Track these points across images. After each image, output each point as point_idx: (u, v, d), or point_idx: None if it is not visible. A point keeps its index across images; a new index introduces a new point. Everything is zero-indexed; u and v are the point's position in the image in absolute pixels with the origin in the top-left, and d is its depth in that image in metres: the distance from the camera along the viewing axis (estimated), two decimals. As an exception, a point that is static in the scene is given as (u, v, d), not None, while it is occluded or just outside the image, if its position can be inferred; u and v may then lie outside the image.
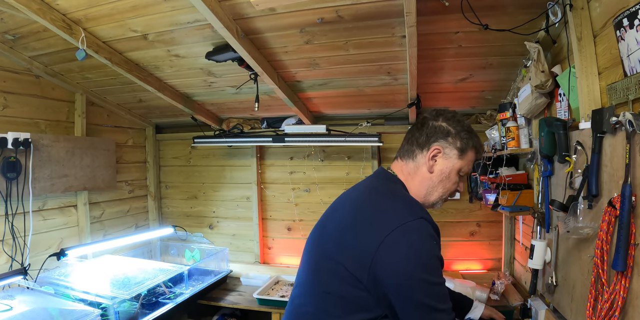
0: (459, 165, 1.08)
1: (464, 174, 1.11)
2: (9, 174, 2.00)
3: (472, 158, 1.10)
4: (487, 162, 2.17)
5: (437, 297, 0.89)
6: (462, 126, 1.09)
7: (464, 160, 1.08)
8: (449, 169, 1.07)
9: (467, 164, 1.09)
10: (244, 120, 2.98)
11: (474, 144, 1.09)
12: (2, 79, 2.12)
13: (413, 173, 1.09)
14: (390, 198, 1.01)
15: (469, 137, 1.08)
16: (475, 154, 1.10)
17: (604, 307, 1.05)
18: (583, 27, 1.27)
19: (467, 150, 1.08)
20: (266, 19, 1.66)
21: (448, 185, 1.09)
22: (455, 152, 1.07)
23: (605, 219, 1.07)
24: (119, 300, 1.87)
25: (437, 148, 1.07)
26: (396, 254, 0.87)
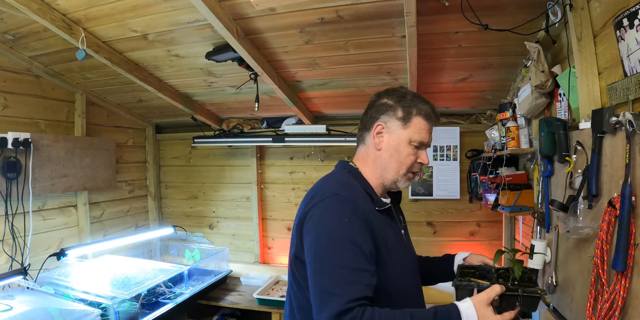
0: (406, 135, 1.03)
1: (418, 144, 1.04)
2: (9, 174, 2.00)
3: (421, 125, 1.04)
4: (487, 162, 2.17)
5: (333, 277, 0.86)
6: (403, 96, 1.05)
7: (410, 128, 1.03)
8: (396, 142, 1.04)
9: (416, 132, 1.03)
10: (244, 120, 2.98)
11: (418, 110, 1.03)
12: (2, 79, 2.12)
13: (366, 156, 1.09)
14: (320, 181, 1.07)
15: (410, 104, 1.04)
16: (424, 120, 1.04)
17: (604, 307, 1.05)
18: (583, 27, 1.27)
19: (410, 117, 1.03)
20: (266, 19, 1.66)
21: (401, 158, 1.04)
22: (398, 123, 1.03)
23: (605, 219, 1.07)
24: (119, 300, 1.87)
25: (379, 124, 1.05)
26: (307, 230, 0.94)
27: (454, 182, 2.61)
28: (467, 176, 2.56)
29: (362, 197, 0.99)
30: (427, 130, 1.05)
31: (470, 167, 2.52)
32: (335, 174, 1.09)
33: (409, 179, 1.08)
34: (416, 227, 2.70)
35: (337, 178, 1.05)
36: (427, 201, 2.68)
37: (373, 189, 1.06)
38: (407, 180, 1.08)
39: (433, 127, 1.08)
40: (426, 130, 1.05)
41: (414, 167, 1.06)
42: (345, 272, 0.86)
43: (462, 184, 2.60)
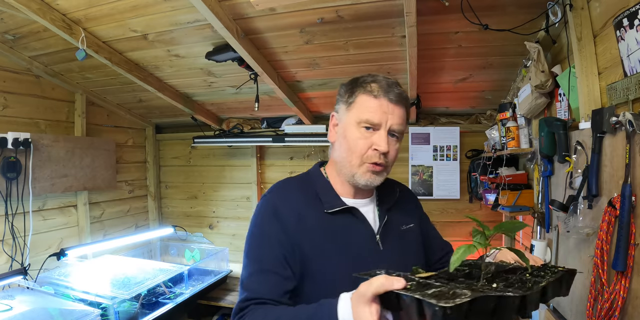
0: (353, 117, 0.90)
1: (368, 124, 0.88)
2: (9, 174, 2.00)
3: (367, 102, 0.88)
4: (487, 162, 2.17)
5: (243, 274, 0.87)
6: (355, 79, 0.94)
7: (354, 108, 0.90)
8: (344, 128, 0.92)
9: (361, 110, 0.89)
10: (244, 120, 2.98)
11: (363, 88, 0.90)
12: (2, 79, 2.11)
13: (332, 155, 1.00)
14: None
15: (357, 84, 0.92)
16: (370, 96, 0.89)
17: (604, 307, 1.05)
18: (583, 27, 1.27)
19: (353, 95, 0.91)
20: (266, 19, 1.66)
21: (349, 144, 0.90)
22: (344, 107, 0.93)
23: (605, 219, 1.07)
24: (119, 300, 1.87)
25: (332, 115, 0.97)
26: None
27: (454, 182, 2.61)
28: (467, 176, 2.56)
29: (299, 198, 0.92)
30: (375, 107, 0.88)
31: (470, 167, 2.52)
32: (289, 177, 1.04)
33: (371, 171, 0.90)
34: (416, 227, 2.70)
35: (283, 180, 1.01)
36: (427, 201, 2.68)
37: (333, 191, 0.95)
38: (368, 173, 0.90)
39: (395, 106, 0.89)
40: (374, 107, 0.88)
41: (369, 156, 0.88)
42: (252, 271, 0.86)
43: (462, 184, 2.60)
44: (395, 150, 0.93)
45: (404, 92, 0.92)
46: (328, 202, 0.93)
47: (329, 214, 0.91)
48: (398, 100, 0.89)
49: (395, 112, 0.89)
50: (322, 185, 0.96)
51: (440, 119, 2.66)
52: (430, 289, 0.55)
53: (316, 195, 0.94)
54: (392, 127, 0.89)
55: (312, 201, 0.93)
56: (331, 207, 0.91)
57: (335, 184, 0.97)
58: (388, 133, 0.89)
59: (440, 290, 0.55)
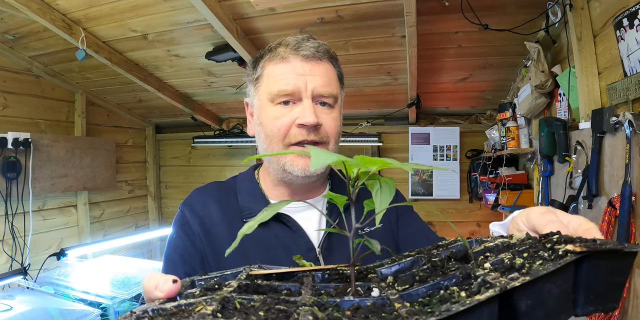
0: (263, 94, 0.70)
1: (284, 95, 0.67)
2: (9, 174, 2.00)
3: (277, 70, 0.69)
4: (487, 162, 2.17)
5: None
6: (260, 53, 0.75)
7: (263, 84, 0.70)
8: (257, 111, 0.72)
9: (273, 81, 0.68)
10: (244, 120, 2.98)
11: (268, 56, 0.71)
12: (2, 79, 2.11)
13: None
14: None
15: (261, 55, 0.74)
16: (278, 62, 0.69)
17: (603, 307, 1.05)
18: (583, 27, 1.27)
19: (257, 67, 0.72)
20: (266, 19, 1.66)
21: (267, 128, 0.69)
22: (252, 86, 0.73)
23: (605, 219, 1.07)
24: (119, 300, 1.87)
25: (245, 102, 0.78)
26: None
27: (454, 182, 2.61)
28: (467, 176, 2.56)
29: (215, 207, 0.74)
30: (286, 72, 0.68)
31: (470, 167, 2.52)
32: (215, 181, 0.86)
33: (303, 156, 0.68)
34: (416, 227, 2.70)
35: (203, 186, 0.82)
36: (427, 201, 2.68)
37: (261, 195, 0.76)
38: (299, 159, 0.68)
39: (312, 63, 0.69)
40: (285, 72, 0.68)
41: (294, 135, 0.67)
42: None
43: (462, 184, 2.60)
44: (333, 119, 0.69)
45: (324, 44, 0.72)
46: (248, 208, 0.73)
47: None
48: (315, 55, 0.69)
49: (316, 70, 0.68)
50: (246, 189, 0.77)
51: (440, 119, 2.66)
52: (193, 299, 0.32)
53: (236, 202, 0.75)
54: (317, 90, 0.67)
55: (230, 209, 0.74)
56: (250, 215, 0.71)
57: (266, 185, 0.77)
58: (313, 101, 0.67)
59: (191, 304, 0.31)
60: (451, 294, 0.28)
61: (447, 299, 0.28)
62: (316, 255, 0.70)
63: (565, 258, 0.28)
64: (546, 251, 0.32)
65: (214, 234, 0.71)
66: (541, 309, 0.27)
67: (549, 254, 0.31)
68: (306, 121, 0.65)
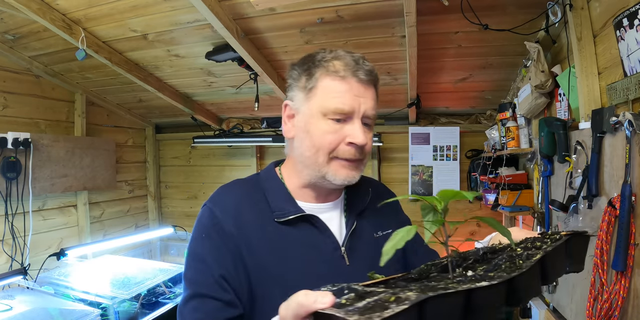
0: (315, 107, 0.72)
1: (338, 114, 0.71)
2: (9, 174, 2.00)
3: (334, 86, 0.71)
4: (487, 162, 2.17)
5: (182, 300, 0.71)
6: (311, 57, 0.75)
7: (317, 96, 0.72)
8: (304, 120, 0.74)
9: (327, 97, 0.71)
10: (244, 120, 2.98)
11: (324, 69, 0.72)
12: (2, 79, 2.11)
13: (289, 153, 0.82)
14: None
15: (309, 61, 0.74)
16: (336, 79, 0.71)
17: (603, 307, 1.05)
18: (583, 27, 1.27)
19: (312, 78, 0.73)
20: (266, 19, 1.66)
21: (314, 140, 0.72)
22: (302, 95, 0.74)
23: (605, 219, 1.07)
24: (119, 300, 1.87)
25: (285, 104, 0.78)
26: None
27: (454, 182, 2.61)
28: (467, 176, 2.56)
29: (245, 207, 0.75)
30: (344, 91, 0.71)
31: (470, 167, 2.52)
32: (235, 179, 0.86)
33: (344, 168, 0.73)
34: (416, 227, 2.70)
35: (226, 184, 0.83)
36: (427, 201, 2.68)
37: (288, 195, 0.78)
38: (342, 170, 0.73)
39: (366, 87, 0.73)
40: (343, 91, 0.71)
41: (343, 152, 0.72)
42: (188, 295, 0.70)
43: (462, 184, 2.60)
44: (370, 139, 0.76)
45: (374, 68, 0.75)
46: (279, 208, 0.75)
47: (280, 223, 0.74)
48: (369, 79, 0.73)
49: (368, 94, 0.73)
50: (274, 189, 0.79)
51: (440, 119, 2.66)
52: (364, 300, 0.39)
53: (265, 201, 0.77)
54: (367, 112, 0.73)
55: (260, 209, 0.76)
56: (283, 215, 0.74)
57: (293, 186, 0.79)
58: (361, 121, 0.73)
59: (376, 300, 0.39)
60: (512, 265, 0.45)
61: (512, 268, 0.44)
62: (341, 253, 0.76)
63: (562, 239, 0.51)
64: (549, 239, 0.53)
65: (248, 234, 0.72)
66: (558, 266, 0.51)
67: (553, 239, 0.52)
68: (357, 141, 0.71)
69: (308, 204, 0.78)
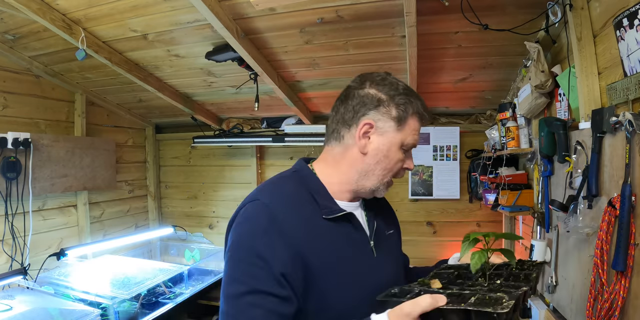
0: (400, 139, 0.85)
1: (408, 148, 0.88)
2: (9, 174, 2.00)
3: (415, 126, 0.87)
4: (487, 162, 2.17)
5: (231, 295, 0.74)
6: (396, 89, 0.85)
7: (404, 131, 0.85)
8: (387, 146, 0.85)
9: (410, 134, 0.86)
10: (244, 120, 2.98)
11: (415, 110, 0.85)
12: (2, 79, 2.11)
13: (340, 157, 0.88)
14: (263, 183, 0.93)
15: (406, 101, 0.85)
16: (419, 121, 0.87)
17: (603, 307, 1.05)
18: (583, 27, 1.27)
19: (406, 118, 0.85)
20: (266, 19, 1.66)
21: (389, 165, 0.86)
22: (392, 124, 0.84)
23: (605, 218, 1.07)
24: (119, 300, 1.87)
25: (367, 123, 0.84)
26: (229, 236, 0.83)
27: (454, 182, 2.61)
28: (467, 176, 2.56)
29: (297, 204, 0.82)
30: (418, 131, 0.89)
31: (470, 167, 2.52)
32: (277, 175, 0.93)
33: (389, 186, 0.90)
34: (416, 227, 2.70)
35: (272, 180, 0.90)
36: (427, 201, 2.68)
37: (328, 193, 0.87)
38: (387, 188, 0.91)
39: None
40: (418, 131, 0.88)
41: (397, 173, 0.90)
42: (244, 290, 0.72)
43: (462, 184, 2.60)
44: None
45: None
46: (326, 206, 0.83)
47: (327, 220, 0.82)
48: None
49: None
50: (317, 187, 0.86)
51: (440, 119, 2.66)
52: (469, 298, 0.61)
53: (312, 199, 0.84)
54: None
55: (310, 206, 0.82)
56: (330, 213, 0.82)
57: (331, 186, 0.88)
58: None
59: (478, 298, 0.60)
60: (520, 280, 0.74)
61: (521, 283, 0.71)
62: (370, 247, 0.89)
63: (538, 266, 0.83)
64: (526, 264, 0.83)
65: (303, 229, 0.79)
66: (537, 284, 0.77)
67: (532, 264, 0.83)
68: (411, 168, 0.91)
69: (342, 203, 0.88)
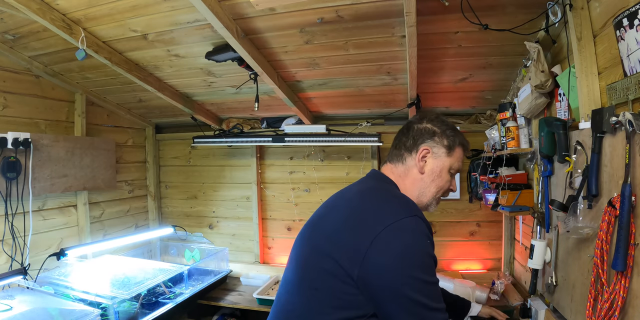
0: (449, 163, 1.10)
1: (454, 172, 1.12)
2: (9, 174, 2.00)
3: (460, 155, 1.12)
4: (487, 162, 2.17)
5: (431, 295, 0.88)
6: (446, 125, 1.11)
7: (452, 157, 1.10)
8: (440, 168, 1.09)
9: (456, 160, 1.11)
10: (244, 120, 2.98)
11: (460, 141, 1.11)
12: (2, 79, 2.11)
13: (404, 175, 1.11)
14: (385, 196, 1.01)
15: (454, 135, 1.11)
16: (462, 151, 1.13)
17: (603, 307, 1.05)
18: (583, 27, 1.27)
19: (454, 147, 1.10)
20: (266, 19, 1.66)
21: (441, 183, 1.10)
22: (444, 150, 1.09)
23: (605, 218, 1.07)
24: (119, 300, 1.87)
25: (425, 148, 1.09)
26: (388, 252, 0.85)
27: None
28: (467, 176, 2.56)
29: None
30: (462, 160, 1.15)
31: (470, 167, 2.52)
32: (390, 190, 1.07)
33: (438, 203, 1.15)
34: (416, 227, 2.70)
35: (401, 195, 1.06)
36: (427, 201, 2.67)
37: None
38: (437, 204, 1.15)
39: None
40: (462, 159, 1.14)
41: (445, 193, 1.14)
42: (435, 288, 0.91)
43: (462, 184, 2.60)
44: None
45: None
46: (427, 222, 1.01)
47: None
48: None
49: None
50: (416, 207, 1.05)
51: (468, 149, 2.65)
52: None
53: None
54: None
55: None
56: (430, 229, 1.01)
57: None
58: None
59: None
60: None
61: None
62: None
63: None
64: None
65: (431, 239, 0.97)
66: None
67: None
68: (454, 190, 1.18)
69: None
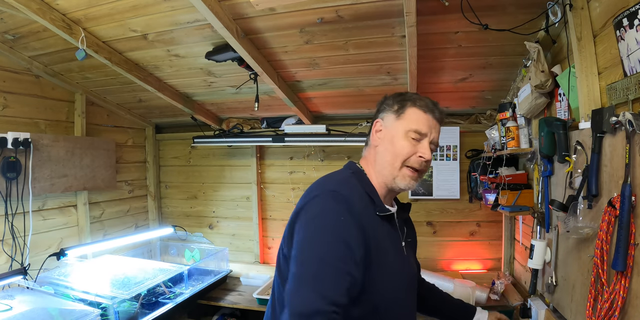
0: (401, 127, 1.00)
1: (415, 135, 0.99)
2: (9, 174, 2.00)
3: (415, 115, 1.01)
4: (487, 162, 2.17)
5: (316, 274, 0.80)
6: (402, 94, 1.06)
7: (405, 119, 1.01)
8: (391, 134, 1.01)
9: (411, 122, 1.00)
10: (244, 120, 2.98)
11: (412, 102, 1.02)
12: (2, 79, 2.11)
13: (368, 155, 1.07)
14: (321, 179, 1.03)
15: (403, 97, 1.04)
16: (419, 110, 1.01)
17: (603, 307, 1.05)
18: (583, 27, 1.27)
19: (404, 108, 1.02)
20: (266, 19, 1.66)
21: (395, 150, 0.99)
22: (393, 116, 1.03)
23: (605, 218, 1.07)
24: (119, 300, 1.87)
25: (377, 121, 1.06)
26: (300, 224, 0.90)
27: (454, 182, 2.61)
28: (467, 176, 2.56)
29: (361, 198, 0.94)
30: (423, 120, 1.01)
31: (470, 167, 2.52)
32: (337, 172, 1.05)
33: (409, 177, 0.99)
34: (416, 227, 2.68)
35: (337, 177, 1.02)
36: (427, 201, 2.68)
37: (377, 192, 1.00)
38: (407, 178, 0.99)
39: (437, 123, 1.04)
40: (422, 120, 1.01)
41: (411, 161, 0.99)
42: (329, 270, 0.80)
43: (462, 184, 2.60)
44: (431, 158, 1.04)
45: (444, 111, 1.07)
46: (379, 204, 0.96)
47: (379, 216, 0.96)
48: (440, 118, 1.05)
49: (437, 128, 1.04)
50: (371, 188, 1.00)
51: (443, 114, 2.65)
52: None
53: (368, 196, 0.97)
54: (434, 140, 1.03)
55: (368, 202, 0.96)
56: (382, 211, 0.96)
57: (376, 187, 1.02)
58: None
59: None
60: None
61: None
62: (402, 246, 1.05)
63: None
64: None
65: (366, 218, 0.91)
66: None
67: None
68: (425, 156, 0.99)
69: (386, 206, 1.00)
